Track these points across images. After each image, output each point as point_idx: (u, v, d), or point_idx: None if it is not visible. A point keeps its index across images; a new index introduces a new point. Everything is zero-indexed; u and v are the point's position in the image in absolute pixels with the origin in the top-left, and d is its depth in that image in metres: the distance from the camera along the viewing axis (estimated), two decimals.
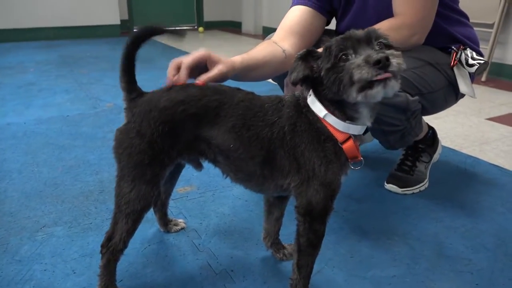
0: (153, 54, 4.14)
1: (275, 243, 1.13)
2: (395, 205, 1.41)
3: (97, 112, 2.41)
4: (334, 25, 1.51)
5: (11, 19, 5.27)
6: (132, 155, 0.87)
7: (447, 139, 2.01)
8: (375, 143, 1.77)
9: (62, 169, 1.66)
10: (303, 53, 0.82)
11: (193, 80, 0.99)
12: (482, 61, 1.33)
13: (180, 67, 0.98)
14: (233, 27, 7.23)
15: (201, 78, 0.98)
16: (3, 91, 2.85)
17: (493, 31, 3.20)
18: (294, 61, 0.82)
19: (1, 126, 2.16)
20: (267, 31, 5.77)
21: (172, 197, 1.23)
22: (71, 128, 2.14)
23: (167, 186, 1.16)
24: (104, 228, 1.22)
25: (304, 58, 0.82)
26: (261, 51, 1.20)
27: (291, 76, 0.81)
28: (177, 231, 1.24)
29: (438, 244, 1.20)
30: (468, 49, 1.35)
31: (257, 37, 6.12)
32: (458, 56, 1.34)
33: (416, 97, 1.26)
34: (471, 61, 1.33)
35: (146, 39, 0.89)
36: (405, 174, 1.52)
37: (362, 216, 1.34)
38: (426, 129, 1.59)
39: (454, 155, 1.82)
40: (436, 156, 1.66)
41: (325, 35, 1.38)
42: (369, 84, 0.73)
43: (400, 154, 1.61)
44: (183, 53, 1.00)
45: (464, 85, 1.36)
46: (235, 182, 0.95)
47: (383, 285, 1.03)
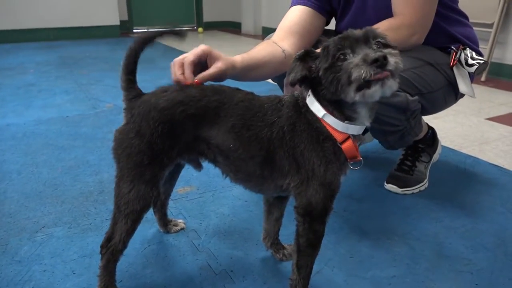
0: (154, 54, 4.14)
1: (275, 244, 1.13)
2: (395, 205, 1.41)
3: (96, 112, 2.41)
4: (333, 25, 1.51)
5: (11, 20, 5.28)
6: (131, 156, 0.87)
7: (447, 139, 2.01)
8: (375, 143, 1.77)
9: (61, 170, 1.66)
10: (301, 53, 0.82)
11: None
12: (481, 61, 1.32)
13: (183, 66, 0.97)
14: (232, 28, 7.24)
15: (199, 77, 0.97)
16: (3, 92, 2.86)
17: (493, 31, 3.20)
18: (292, 61, 0.82)
19: (0, 127, 2.16)
20: (266, 31, 5.77)
21: (171, 197, 1.23)
22: (70, 128, 2.14)
23: (167, 186, 1.16)
24: (103, 228, 1.22)
25: (302, 58, 0.82)
26: (260, 51, 1.19)
27: (289, 77, 0.81)
28: (177, 232, 1.24)
29: (438, 244, 1.19)
30: (467, 49, 1.35)
31: (256, 37, 6.12)
32: (457, 56, 1.34)
33: (415, 97, 1.26)
34: (470, 61, 1.33)
35: (151, 42, 0.91)
36: (404, 174, 1.51)
37: (362, 216, 1.34)
38: (425, 129, 1.59)
39: (453, 155, 1.82)
40: (435, 156, 1.66)
41: (324, 35, 1.38)
42: (367, 83, 0.73)
43: (399, 154, 1.61)
44: (184, 53, 1.00)
45: (463, 85, 1.36)
46: (234, 182, 0.95)
47: (383, 285, 1.03)
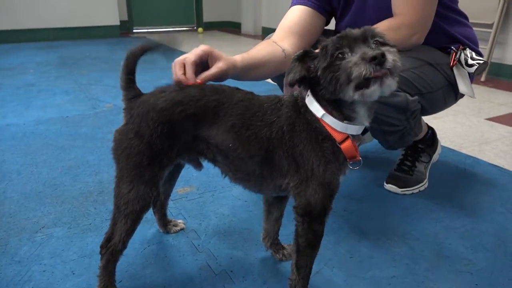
0: (154, 55, 4.13)
1: (274, 244, 1.13)
2: (394, 205, 1.41)
3: (96, 112, 2.41)
4: (333, 25, 1.51)
5: (11, 20, 5.27)
6: (131, 156, 0.87)
7: (447, 139, 2.01)
8: (375, 143, 1.77)
9: (61, 170, 1.66)
10: (300, 54, 0.82)
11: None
12: (481, 61, 1.32)
13: (184, 66, 0.97)
14: (232, 28, 7.24)
15: (201, 76, 0.97)
16: (3, 92, 2.85)
17: (492, 31, 3.20)
18: (291, 62, 0.82)
19: (0, 127, 2.16)
20: (266, 31, 5.77)
21: (171, 197, 1.23)
22: (70, 129, 2.14)
23: (167, 186, 1.16)
24: (103, 228, 1.22)
25: (301, 58, 0.82)
26: (260, 51, 1.19)
27: (288, 77, 0.81)
28: (177, 232, 1.24)
29: (437, 244, 1.19)
30: (467, 49, 1.35)
31: (256, 37, 6.12)
32: (457, 56, 1.34)
33: (415, 97, 1.26)
34: (470, 61, 1.33)
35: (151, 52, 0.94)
36: (404, 174, 1.51)
37: (361, 216, 1.34)
38: (425, 129, 1.59)
39: (453, 155, 1.82)
40: (435, 156, 1.66)
41: (324, 35, 1.38)
42: (365, 82, 0.73)
43: (399, 154, 1.61)
44: (184, 54, 1.00)
45: (463, 85, 1.36)
46: (234, 182, 0.95)
47: (382, 286, 1.03)
